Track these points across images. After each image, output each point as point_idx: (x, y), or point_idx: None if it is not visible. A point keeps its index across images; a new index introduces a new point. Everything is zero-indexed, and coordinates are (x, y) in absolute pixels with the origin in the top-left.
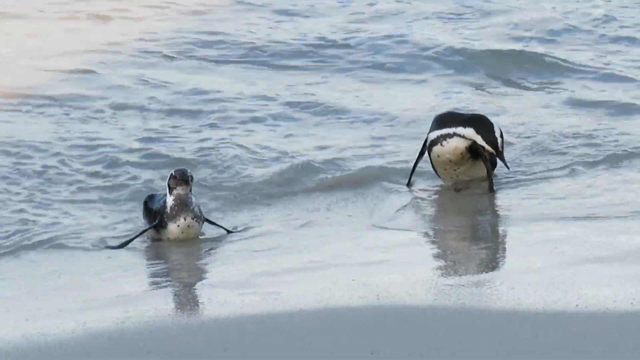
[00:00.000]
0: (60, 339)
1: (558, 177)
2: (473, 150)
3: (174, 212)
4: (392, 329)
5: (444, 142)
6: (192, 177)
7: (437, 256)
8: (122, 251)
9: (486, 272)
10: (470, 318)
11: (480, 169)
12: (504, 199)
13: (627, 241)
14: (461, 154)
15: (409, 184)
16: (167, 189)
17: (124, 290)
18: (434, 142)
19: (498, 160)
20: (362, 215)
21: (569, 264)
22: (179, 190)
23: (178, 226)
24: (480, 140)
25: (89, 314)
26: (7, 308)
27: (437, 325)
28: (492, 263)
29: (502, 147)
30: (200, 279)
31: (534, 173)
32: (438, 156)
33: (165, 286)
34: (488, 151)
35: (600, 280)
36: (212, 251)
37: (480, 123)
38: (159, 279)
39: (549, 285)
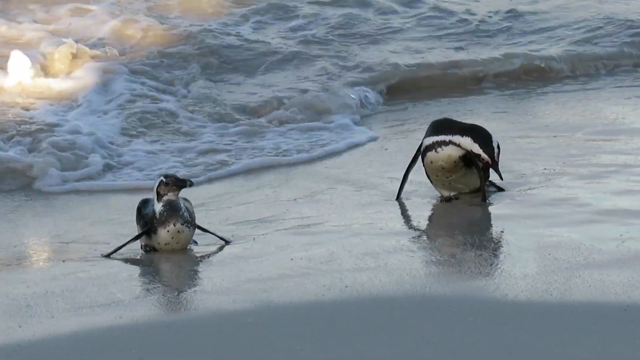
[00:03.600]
0: (52, 345)
1: (551, 184)
2: (467, 159)
3: (163, 218)
4: (385, 335)
5: (439, 149)
6: (190, 182)
7: (429, 262)
8: (113, 258)
9: (480, 279)
10: (464, 324)
11: (474, 178)
12: (497, 207)
13: (619, 247)
14: (454, 162)
15: (399, 196)
16: (156, 195)
17: (115, 297)
18: (429, 148)
19: (491, 170)
20: (353, 222)
21: (562, 269)
22: (170, 197)
23: (168, 232)
24: (477, 150)
25: (81, 320)
26: None
27: (431, 332)
28: (485, 270)
29: (498, 158)
30: (193, 285)
31: (527, 181)
32: (431, 162)
33: (157, 292)
34: (484, 161)
35: (594, 285)
36: (203, 257)
37: (478, 133)
38: (150, 286)
39: (543, 292)
